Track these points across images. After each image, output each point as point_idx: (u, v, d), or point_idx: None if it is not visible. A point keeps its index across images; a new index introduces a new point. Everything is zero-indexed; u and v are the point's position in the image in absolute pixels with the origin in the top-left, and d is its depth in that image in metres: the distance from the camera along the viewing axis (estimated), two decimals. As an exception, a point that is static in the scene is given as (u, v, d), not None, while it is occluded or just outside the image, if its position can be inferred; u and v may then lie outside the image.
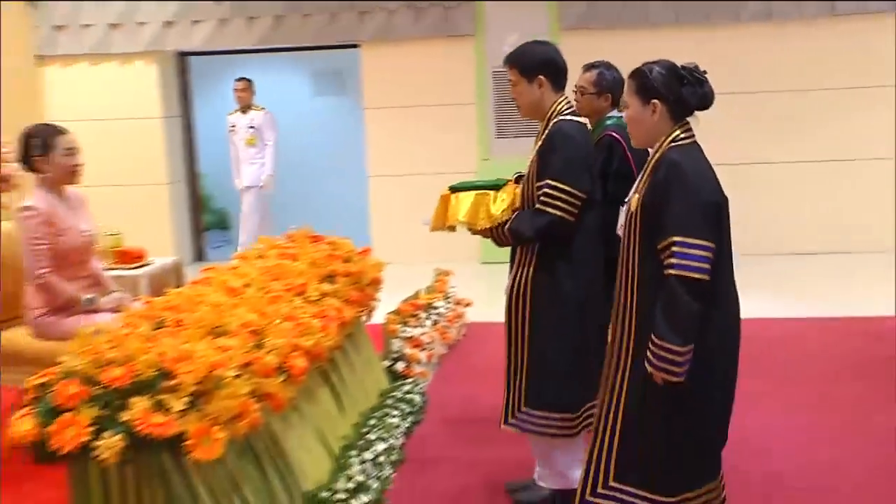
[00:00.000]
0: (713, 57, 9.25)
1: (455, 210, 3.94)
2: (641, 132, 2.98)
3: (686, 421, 2.85)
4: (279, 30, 9.73)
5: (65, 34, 9.87)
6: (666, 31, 9.26)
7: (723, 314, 2.86)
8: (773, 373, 5.50)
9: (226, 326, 3.39)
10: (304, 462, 3.74)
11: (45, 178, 4.37)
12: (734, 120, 9.28)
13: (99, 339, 3.05)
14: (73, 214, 4.43)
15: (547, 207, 3.61)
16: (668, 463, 2.88)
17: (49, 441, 2.76)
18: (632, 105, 2.97)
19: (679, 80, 2.88)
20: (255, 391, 3.15)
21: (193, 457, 2.83)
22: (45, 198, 4.33)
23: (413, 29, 9.57)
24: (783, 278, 8.27)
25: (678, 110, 2.89)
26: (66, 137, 4.40)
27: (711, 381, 2.85)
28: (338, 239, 5.12)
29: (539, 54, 3.82)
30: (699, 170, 2.84)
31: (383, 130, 9.82)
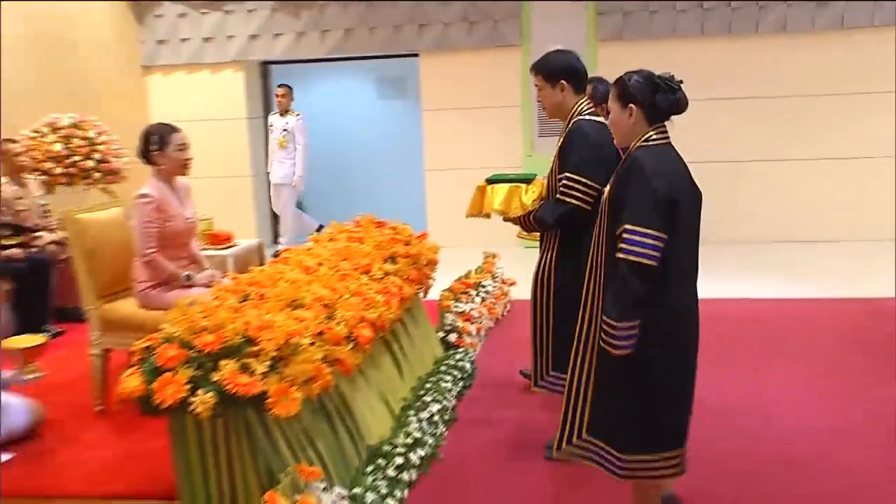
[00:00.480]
0: (734, 64, 9.17)
1: (491, 199, 3.96)
2: (619, 133, 2.96)
3: (637, 391, 2.85)
4: (349, 41, 9.76)
5: (166, 47, 10.02)
6: (692, 41, 9.16)
7: (676, 297, 2.83)
8: (784, 347, 5.43)
9: (302, 300, 3.42)
10: (369, 420, 3.77)
11: (160, 169, 4.42)
12: (751, 121, 9.17)
13: (194, 310, 3.10)
14: (181, 203, 4.49)
15: (565, 198, 3.64)
16: (624, 425, 2.89)
17: (153, 396, 2.82)
18: (612, 109, 2.96)
19: (654, 88, 2.85)
20: (327, 357, 3.18)
21: (274, 413, 2.86)
22: (158, 187, 4.38)
23: (466, 40, 9.54)
24: (795, 263, 8.12)
25: (652, 114, 2.86)
26: (180, 135, 4.45)
27: (662, 358, 2.83)
28: (399, 224, 5.13)
29: (560, 61, 3.82)
30: (659, 167, 2.79)
31: (439, 130, 9.81)
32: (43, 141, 7.02)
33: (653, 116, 2.86)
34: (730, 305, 6.49)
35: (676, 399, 2.92)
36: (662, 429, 2.91)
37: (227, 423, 2.93)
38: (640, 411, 2.86)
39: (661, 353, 2.82)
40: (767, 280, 7.44)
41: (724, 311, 6.28)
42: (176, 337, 2.96)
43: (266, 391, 2.85)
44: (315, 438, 3.26)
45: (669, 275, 2.77)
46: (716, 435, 4.04)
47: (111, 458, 3.68)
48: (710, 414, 4.25)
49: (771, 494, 3.46)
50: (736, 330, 5.85)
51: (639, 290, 2.72)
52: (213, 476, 2.97)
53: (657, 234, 2.70)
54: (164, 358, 2.87)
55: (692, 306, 2.93)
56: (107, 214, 4.61)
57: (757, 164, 9.25)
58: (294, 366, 2.97)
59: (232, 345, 2.92)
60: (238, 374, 2.84)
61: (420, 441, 3.84)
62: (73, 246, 4.37)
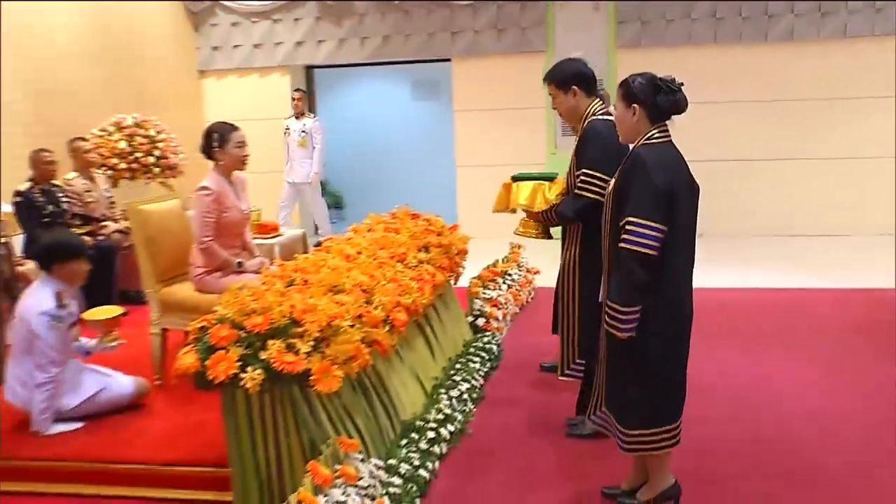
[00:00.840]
0: (744, 70, 9.05)
1: (516, 195, 3.94)
2: (624, 131, 2.95)
3: (637, 371, 2.86)
4: (386, 47, 9.74)
5: (219, 53, 10.07)
6: (706, 48, 9.09)
7: (674, 284, 2.81)
8: (788, 333, 5.35)
9: (342, 286, 3.42)
10: (403, 397, 3.76)
11: (219, 164, 4.41)
12: (760, 123, 9.06)
13: (244, 294, 3.11)
14: (237, 196, 4.48)
15: (583, 192, 3.62)
16: (628, 402, 2.91)
17: (206, 372, 2.84)
18: (617, 108, 2.96)
19: (656, 89, 2.85)
20: (366, 338, 3.19)
21: (316, 389, 2.87)
22: (217, 180, 4.36)
23: (495, 46, 9.49)
24: (801, 256, 7.99)
25: (654, 114, 2.86)
26: (239, 133, 4.43)
27: (660, 341, 2.82)
28: (432, 217, 5.12)
29: (570, 69, 3.81)
30: (660, 162, 2.78)
31: (469, 129, 9.77)
32: (109, 139, 7.09)
33: (655, 116, 2.86)
34: (737, 294, 6.41)
35: (673, 378, 2.92)
36: (660, 405, 2.91)
37: (274, 398, 2.94)
38: (641, 390, 2.87)
39: (659, 336, 2.82)
40: (775, 270, 7.34)
41: (731, 299, 6.21)
42: (228, 318, 2.98)
43: (309, 369, 2.86)
44: (354, 413, 3.26)
45: (668, 264, 2.76)
46: (719, 415, 3.99)
47: (169, 429, 3.71)
48: (715, 395, 4.22)
49: (771, 472, 3.40)
50: (742, 317, 5.77)
51: (640, 277, 2.73)
52: (261, 446, 2.98)
53: (658, 225, 2.70)
54: (217, 337, 2.89)
55: (688, 293, 2.91)
56: (166, 206, 4.64)
57: (766, 162, 9.15)
58: (335, 346, 2.97)
59: (278, 326, 2.93)
60: (284, 352, 2.85)
61: (450, 417, 3.83)
62: (136, 234, 4.40)
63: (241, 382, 2.81)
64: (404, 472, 3.23)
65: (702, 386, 4.36)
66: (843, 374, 4.53)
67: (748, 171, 9.16)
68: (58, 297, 3.67)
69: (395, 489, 3.08)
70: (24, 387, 3.70)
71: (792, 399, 4.20)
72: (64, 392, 3.73)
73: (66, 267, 3.74)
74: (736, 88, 9.07)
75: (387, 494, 3.01)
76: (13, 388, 3.74)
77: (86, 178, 6.43)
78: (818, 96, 8.94)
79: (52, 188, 6.07)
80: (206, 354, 2.87)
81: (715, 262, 7.76)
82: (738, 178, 9.13)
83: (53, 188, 6.09)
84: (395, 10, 9.59)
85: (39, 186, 5.98)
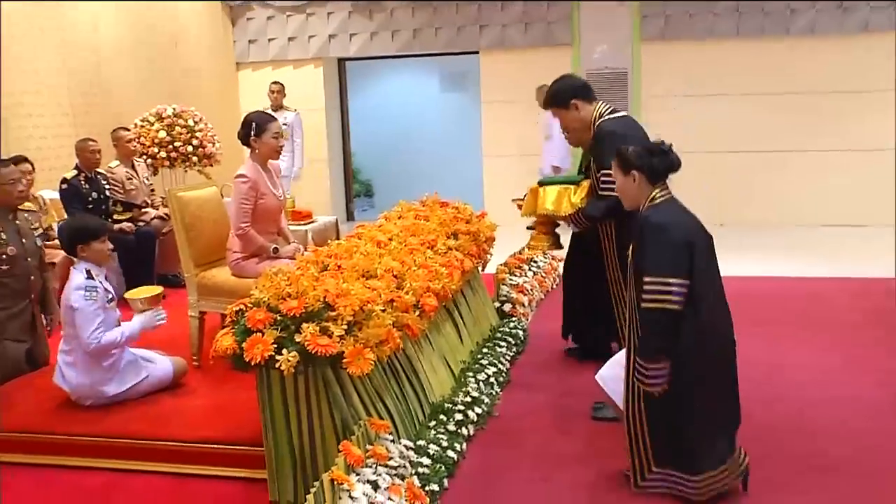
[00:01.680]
0: (767, 63, 8.88)
1: (543, 200, 3.99)
2: (629, 198, 3.02)
3: (685, 415, 2.83)
4: (416, 40, 9.70)
5: (255, 46, 10.09)
6: (728, 41, 8.95)
7: (701, 326, 2.78)
8: (810, 322, 5.27)
9: (374, 271, 3.42)
10: (432, 379, 3.75)
11: (255, 153, 4.38)
12: (781, 115, 8.89)
13: (279, 278, 3.11)
14: (272, 183, 4.45)
15: (606, 192, 3.64)
16: (686, 449, 2.86)
17: (243, 354, 2.83)
18: (616, 178, 3.03)
19: (650, 154, 2.93)
20: (397, 322, 3.16)
21: (349, 371, 2.86)
22: (253, 168, 4.33)
23: (522, 40, 9.42)
24: (823, 245, 7.86)
25: (653, 176, 2.92)
26: (276, 124, 4.40)
27: (700, 382, 2.80)
28: (460, 204, 5.09)
29: (563, 87, 3.84)
30: (670, 219, 2.84)
31: (496, 120, 9.72)
32: (150, 129, 7.12)
33: (653, 177, 2.92)
34: (756, 283, 6.32)
35: (723, 412, 2.88)
36: (716, 441, 2.87)
37: (308, 380, 2.94)
38: (695, 433, 2.83)
39: (695, 377, 2.79)
40: (795, 260, 7.23)
41: (750, 288, 6.13)
42: (264, 302, 2.98)
43: (342, 352, 2.85)
44: (384, 395, 3.25)
45: (698, 311, 2.76)
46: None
47: (205, 407, 3.72)
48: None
49: (788, 458, 3.35)
50: (761, 306, 5.68)
51: (664, 334, 2.75)
52: (295, 426, 2.99)
53: (679, 280, 2.73)
54: (254, 320, 2.89)
55: (723, 331, 2.90)
56: (204, 193, 4.64)
57: (786, 154, 9.01)
58: (367, 329, 2.96)
59: (313, 310, 2.92)
60: (318, 335, 2.84)
61: (478, 400, 3.82)
62: (175, 220, 4.41)
63: (276, 364, 2.81)
64: (433, 452, 3.22)
65: None
66: (861, 364, 4.44)
67: (769, 162, 9.01)
68: (87, 273, 3.71)
69: (424, 469, 3.07)
70: (69, 368, 3.73)
71: (810, 387, 4.14)
72: (110, 379, 3.75)
73: (89, 248, 3.77)
74: (757, 81, 8.92)
75: (416, 474, 3.00)
76: (60, 370, 3.78)
77: (127, 167, 6.47)
78: (839, 89, 8.76)
79: (96, 176, 6.12)
80: (243, 337, 2.87)
81: (735, 251, 7.66)
82: (759, 169, 9.01)
83: (97, 176, 6.14)
84: (424, 5, 9.54)
85: (84, 174, 6.02)
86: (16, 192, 4.19)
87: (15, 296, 4.15)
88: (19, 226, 4.22)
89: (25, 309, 4.21)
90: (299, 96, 9.98)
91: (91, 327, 3.63)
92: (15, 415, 3.70)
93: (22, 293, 4.18)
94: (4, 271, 4.08)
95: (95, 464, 3.44)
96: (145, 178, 6.67)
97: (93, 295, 3.65)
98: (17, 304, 4.16)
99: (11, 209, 4.22)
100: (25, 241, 4.21)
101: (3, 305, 4.11)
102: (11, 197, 4.18)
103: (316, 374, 2.93)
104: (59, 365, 3.77)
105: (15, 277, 4.13)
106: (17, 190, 4.20)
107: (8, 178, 4.15)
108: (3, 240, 4.10)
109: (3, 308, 4.11)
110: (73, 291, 3.66)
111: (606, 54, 9.25)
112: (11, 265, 4.10)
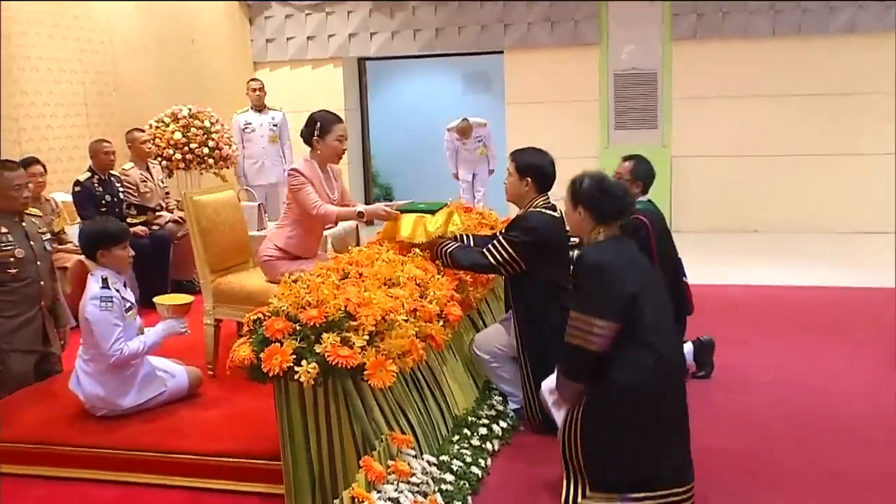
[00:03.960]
0: (804, 63, 8.76)
1: (399, 228, 3.99)
2: (573, 227, 3.08)
3: (608, 439, 2.87)
4: (438, 39, 9.69)
5: (273, 45, 10.12)
6: (763, 41, 8.83)
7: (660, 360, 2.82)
8: (848, 331, 5.20)
9: (397, 279, 3.39)
10: (456, 392, 3.72)
11: (316, 153, 4.24)
12: (819, 118, 8.77)
13: (299, 286, 3.09)
14: (330, 187, 4.31)
15: (489, 253, 3.69)
16: (616, 469, 2.88)
17: (261, 365, 2.81)
18: (566, 206, 3.07)
19: (601, 193, 2.94)
20: (420, 333, 3.14)
21: (371, 383, 2.83)
22: (310, 168, 4.19)
23: (548, 39, 9.37)
24: (861, 252, 7.73)
25: (600, 217, 2.95)
26: (341, 126, 4.23)
27: (623, 413, 2.83)
28: (485, 210, 5.07)
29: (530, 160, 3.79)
30: (608, 260, 2.88)
31: (521, 122, 9.66)
32: (165, 130, 7.13)
33: (600, 219, 2.95)
34: (792, 292, 6.23)
35: (663, 441, 2.87)
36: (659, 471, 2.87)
37: (328, 392, 2.92)
38: (643, 458, 2.84)
39: (633, 407, 2.82)
40: (831, 267, 7.11)
41: (786, 296, 6.07)
42: (283, 311, 2.96)
43: (364, 363, 2.82)
44: (406, 408, 3.22)
45: (656, 349, 2.80)
46: (775, 415, 3.94)
47: (221, 419, 3.70)
48: (770, 395, 4.18)
49: (823, 472, 3.33)
50: (797, 314, 5.63)
51: (577, 369, 2.89)
52: (314, 440, 2.96)
53: (604, 323, 2.78)
54: (272, 330, 2.88)
55: (678, 359, 2.97)
56: (220, 196, 4.63)
57: (825, 158, 8.85)
58: (390, 340, 2.94)
59: (333, 319, 2.91)
60: (339, 346, 2.82)
61: (502, 413, 3.78)
62: (191, 224, 4.41)
63: (295, 376, 2.78)
64: (456, 468, 3.18)
65: (757, 384, 4.33)
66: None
67: (806, 166, 8.87)
68: (104, 282, 3.68)
69: (447, 486, 3.03)
70: (86, 376, 3.72)
71: (847, 399, 4.08)
72: (126, 391, 3.74)
73: (110, 254, 3.74)
74: (794, 82, 8.78)
75: (439, 491, 2.96)
76: (76, 375, 3.77)
77: (142, 169, 6.51)
78: (882, 90, 8.58)
79: (109, 178, 6.15)
80: (260, 347, 2.86)
81: (770, 258, 7.58)
82: (795, 173, 8.87)
83: (111, 178, 6.17)
84: (447, 3, 9.53)
85: (98, 176, 6.07)
86: (21, 198, 4.14)
87: (25, 302, 4.13)
88: (26, 228, 4.20)
89: (35, 317, 4.19)
90: (318, 97, 10.00)
91: (111, 339, 3.60)
92: (23, 425, 3.70)
93: (32, 299, 4.17)
94: (13, 275, 4.06)
95: (107, 476, 3.43)
96: (160, 181, 6.69)
97: (108, 305, 3.63)
98: (28, 311, 4.14)
99: (17, 213, 4.21)
100: (34, 243, 4.19)
101: (13, 313, 4.09)
102: (16, 203, 4.13)
103: (336, 387, 2.90)
104: (77, 370, 3.77)
105: (24, 282, 4.12)
106: (23, 196, 4.14)
107: (13, 182, 4.09)
108: (10, 242, 4.07)
109: (13, 316, 4.09)
110: (89, 302, 3.64)
111: (635, 54, 9.18)
112: (20, 269, 4.09)
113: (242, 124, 8.08)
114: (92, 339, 3.66)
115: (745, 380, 4.37)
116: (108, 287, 3.67)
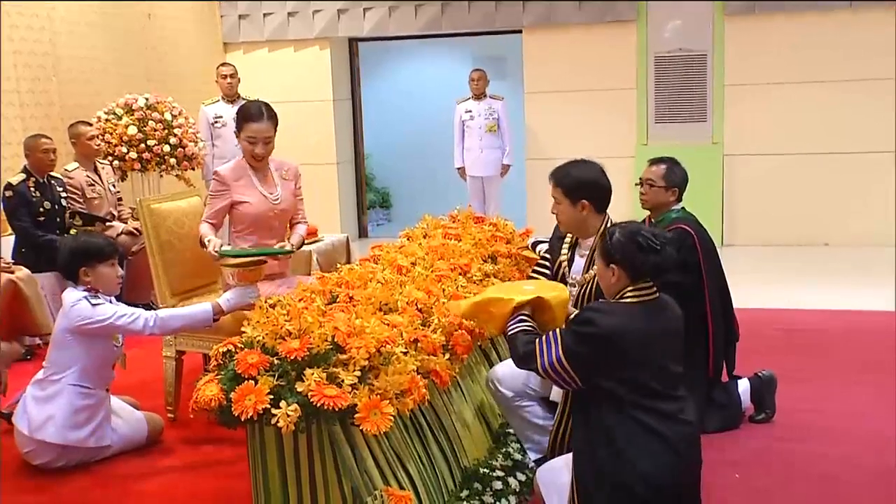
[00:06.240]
0: (890, 39, 8.67)
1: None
2: (604, 287, 3.15)
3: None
4: (444, 16, 9.77)
5: (247, 22, 10.21)
6: (838, 13, 8.77)
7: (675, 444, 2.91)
8: None
9: (394, 304, 3.40)
10: (465, 437, 3.71)
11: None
12: None
13: (277, 312, 3.10)
14: (267, 189, 4.42)
15: None
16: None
17: (231, 407, 2.82)
18: (597, 263, 3.17)
19: (638, 248, 3.00)
20: (422, 368, 3.14)
21: (363, 429, 2.83)
22: (236, 168, 4.40)
23: (575, 15, 9.42)
24: None
25: (633, 274, 3.02)
26: (256, 126, 4.36)
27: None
28: (499, 220, 5.07)
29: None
30: (616, 326, 2.95)
31: (543, 115, 9.73)
32: (117, 123, 7.18)
33: (634, 275, 3.03)
34: (868, 317, 6.22)
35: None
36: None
37: (311, 439, 2.93)
38: None
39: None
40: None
41: (860, 322, 6.07)
42: (258, 342, 2.97)
43: (355, 405, 2.82)
44: (406, 458, 3.23)
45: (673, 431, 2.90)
46: (850, 452, 3.97)
47: (186, 473, 3.72)
48: (847, 436, 4.19)
49: None
50: (873, 345, 5.60)
51: (523, 362, 3.13)
52: (294, 496, 2.97)
53: (563, 363, 2.95)
54: (245, 365, 2.88)
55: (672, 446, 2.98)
56: (184, 204, 4.67)
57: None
58: (386, 377, 2.94)
59: (318, 352, 2.91)
60: (324, 384, 2.82)
61: (520, 463, 3.78)
62: (148, 237, 4.44)
63: (272, 420, 2.79)
64: (466, 531, 3.18)
65: (834, 433, 4.31)
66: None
67: (885, 166, 8.81)
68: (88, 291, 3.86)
69: (454, 553, 3.04)
70: (37, 403, 3.79)
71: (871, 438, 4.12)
72: (80, 425, 3.79)
73: (94, 271, 3.87)
74: (877, 64, 8.69)
75: (445, 559, 2.97)
76: (23, 406, 3.83)
77: (89, 170, 6.54)
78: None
79: (49, 182, 6.17)
80: (230, 385, 2.86)
81: (843, 277, 7.57)
82: (872, 174, 8.82)
83: (51, 182, 6.19)
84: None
85: (35, 179, 6.07)
86: None
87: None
88: None
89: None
90: (302, 85, 10.08)
91: (126, 315, 3.81)
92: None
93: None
94: None
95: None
96: (111, 185, 6.73)
97: (97, 300, 3.79)
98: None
99: None
100: None
101: None
102: None
103: (321, 433, 2.91)
104: (24, 400, 3.83)
105: None
106: None
107: None
108: None
109: None
110: (71, 309, 3.77)
111: (681, 33, 9.22)
112: None
113: (211, 117, 8.17)
114: (72, 350, 3.76)
115: (813, 425, 4.36)
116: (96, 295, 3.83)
